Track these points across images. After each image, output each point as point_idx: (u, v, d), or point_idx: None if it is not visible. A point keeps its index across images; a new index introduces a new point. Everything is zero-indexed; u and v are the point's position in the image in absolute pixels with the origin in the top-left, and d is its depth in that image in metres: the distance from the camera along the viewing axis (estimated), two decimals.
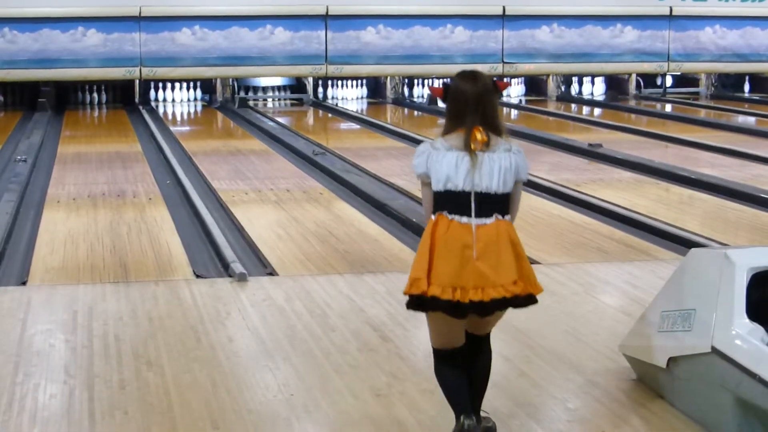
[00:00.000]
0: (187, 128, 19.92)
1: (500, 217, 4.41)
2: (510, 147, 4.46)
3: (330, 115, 20.25)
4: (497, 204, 4.41)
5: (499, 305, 4.42)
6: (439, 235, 4.40)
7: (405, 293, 4.48)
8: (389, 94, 22.95)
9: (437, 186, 4.44)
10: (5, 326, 6.39)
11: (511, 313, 6.52)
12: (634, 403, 5.06)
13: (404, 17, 21.95)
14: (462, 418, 4.51)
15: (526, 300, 4.49)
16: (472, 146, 4.38)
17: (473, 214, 4.38)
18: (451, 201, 4.41)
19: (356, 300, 6.95)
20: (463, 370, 4.59)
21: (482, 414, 4.64)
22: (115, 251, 8.49)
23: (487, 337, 4.68)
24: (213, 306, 6.80)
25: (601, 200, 10.44)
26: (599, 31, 22.85)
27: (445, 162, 4.41)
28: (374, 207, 10.34)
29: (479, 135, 4.38)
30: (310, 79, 22.22)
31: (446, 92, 4.51)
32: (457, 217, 4.39)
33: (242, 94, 22.12)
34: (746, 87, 24.64)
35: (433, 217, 4.47)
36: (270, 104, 22.23)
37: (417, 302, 4.45)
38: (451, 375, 4.57)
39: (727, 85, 24.55)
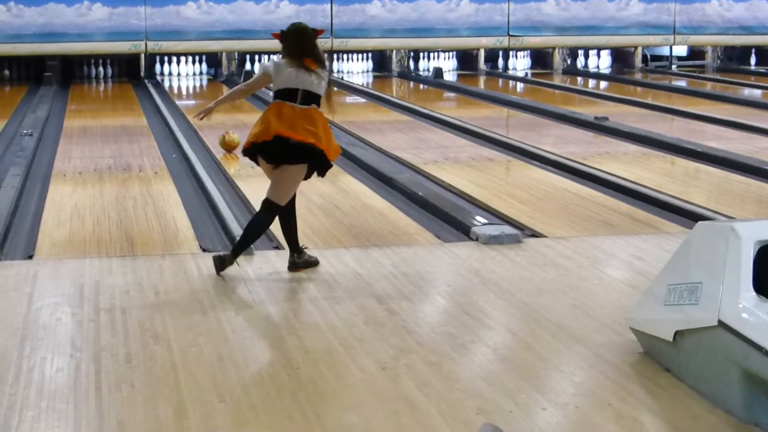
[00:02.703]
0: (193, 102, 19.89)
1: (316, 106, 6.83)
2: (323, 71, 6.88)
3: (335, 88, 20.18)
4: (313, 99, 6.83)
5: (292, 149, 6.74)
6: (275, 111, 6.78)
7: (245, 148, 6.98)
8: (395, 67, 22.92)
9: (279, 86, 6.83)
10: (12, 300, 6.40)
11: (517, 286, 6.56)
12: (641, 376, 5.06)
13: None
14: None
15: (322, 159, 6.86)
16: (305, 66, 6.80)
17: (298, 102, 6.78)
18: (286, 94, 6.81)
19: (362, 273, 6.95)
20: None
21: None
22: (121, 225, 8.49)
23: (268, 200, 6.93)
24: (219, 280, 6.81)
25: (607, 173, 10.42)
26: (605, 3, 22.79)
27: (286, 73, 6.83)
28: (380, 180, 10.34)
29: (311, 64, 6.82)
30: None
31: (283, 37, 6.94)
32: (288, 103, 6.78)
33: (248, 67, 22.10)
34: (752, 60, 24.57)
35: (272, 101, 6.88)
36: None
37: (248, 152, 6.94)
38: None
39: (733, 58, 24.48)
